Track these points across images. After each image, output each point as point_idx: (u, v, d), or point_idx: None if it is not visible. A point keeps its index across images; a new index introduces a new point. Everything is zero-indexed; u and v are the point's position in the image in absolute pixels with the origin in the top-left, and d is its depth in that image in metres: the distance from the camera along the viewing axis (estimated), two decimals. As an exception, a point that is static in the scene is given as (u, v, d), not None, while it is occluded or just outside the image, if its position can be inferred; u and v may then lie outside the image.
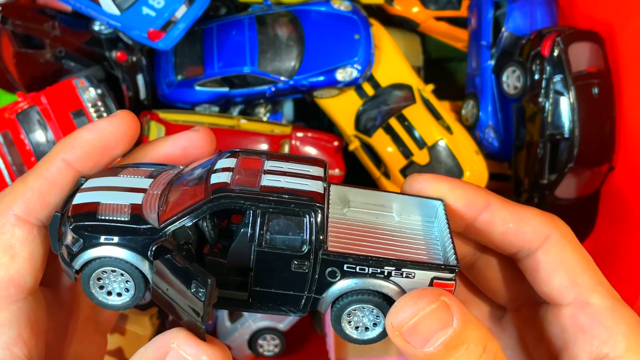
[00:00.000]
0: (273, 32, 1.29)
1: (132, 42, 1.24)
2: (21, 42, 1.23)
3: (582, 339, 0.47)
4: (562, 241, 0.49)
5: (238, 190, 0.43)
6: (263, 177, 0.45)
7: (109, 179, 0.49)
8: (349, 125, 1.33)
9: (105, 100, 1.19)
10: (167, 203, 0.46)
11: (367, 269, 0.44)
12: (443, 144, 1.29)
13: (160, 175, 0.50)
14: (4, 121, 1.16)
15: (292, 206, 0.43)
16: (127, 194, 0.47)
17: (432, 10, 1.42)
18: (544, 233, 0.49)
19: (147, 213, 0.46)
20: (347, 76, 1.26)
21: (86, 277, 0.45)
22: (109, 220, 0.45)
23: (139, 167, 0.51)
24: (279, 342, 1.35)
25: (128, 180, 0.49)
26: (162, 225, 0.44)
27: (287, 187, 0.44)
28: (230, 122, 1.29)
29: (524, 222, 0.49)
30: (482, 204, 0.49)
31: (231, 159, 0.47)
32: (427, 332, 0.41)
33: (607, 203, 1.25)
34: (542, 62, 1.19)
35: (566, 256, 0.49)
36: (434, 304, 0.41)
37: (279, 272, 0.45)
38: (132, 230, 0.44)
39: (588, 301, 0.48)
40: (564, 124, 1.17)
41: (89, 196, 0.47)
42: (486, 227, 0.50)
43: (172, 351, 0.41)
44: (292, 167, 0.47)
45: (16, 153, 1.17)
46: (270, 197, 0.43)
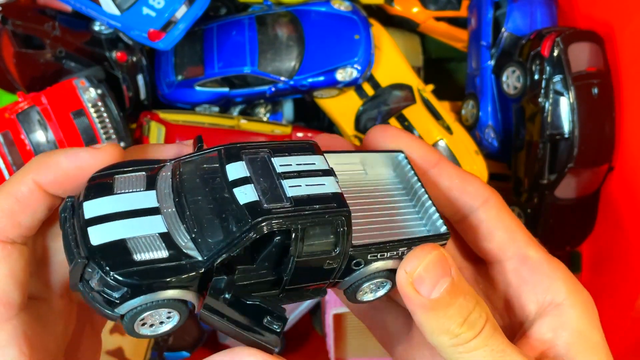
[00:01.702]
0: (273, 32, 1.29)
1: (132, 43, 1.24)
2: (21, 42, 1.23)
3: (527, 289, 0.52)
4: (498, 203, 0.54)
5: (275, 212, 0.43)
6: (283, 184, 0.45)
7: (108, 200, 0.45)
8: (349, 125, 1.33)
9: (106, 100, 1.19)
10: (198, 228, 0.43)
11: (387, 253, 0.48)
12: (443, 144, 1.29)
13: (157, 182, 0.47)
14: (4, 121, 1.16)
15: (327, 217, 0.44)
16: (144, 220, 0.44)
17: (432, 11, 1.42)
18: (484, 194, 0.54)
19: (180, 242, 0.43)
20: (347, 76, 1.26)
21: (130, 322, 0.42)
22: (148, 261, 0.41)
23: (126, 174, 0.47)
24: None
25: (131, 199, 0.45)
26: (207, 258, 0.42)
27: (311, 193, 0.45)
28: (230, 122, 1.29)
29: (468, 182, 0.54)
30: (434, 159, 0.55)
31: (239, 162, 0.46)
32: (433, 278, 0.46)
33: (607, 203, 1.25)
34: (541, 62, 1.19)
35: (504, 216, 0.54)
36: (434, 251, 0.47)
37: (312, 272, 0.47)
38: (178, 268, 0.41)
39: (527, 254, 0.52)
40: (563, 124, 1.18)
41: (107, 231, 0.43)
42: (434, 179, 0.55)
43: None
44: (298, 161, 0.47)
45: (16, 153, 1.17)
46: (304, 211, 0.44)
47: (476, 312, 0.47)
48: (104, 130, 1.19)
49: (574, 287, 0.51)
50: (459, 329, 0.46)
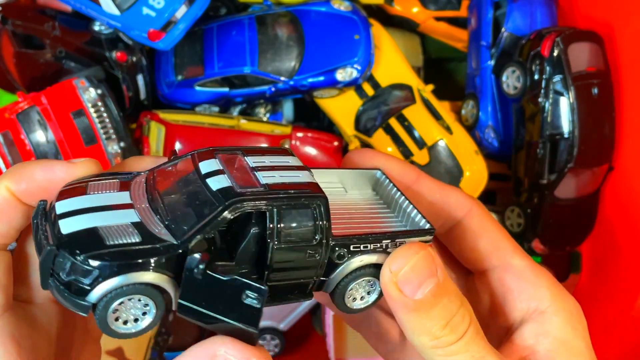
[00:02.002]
0: (273, 32, 1.29)
1: (132, 43, 1.24)
2: (21, 42, 1.23)
3: (511, 298, 0.52)
4: (481, 213, 0.54)
5: (249, 192, 0.43)
6: (257, 174, 0.45)
7: (80, 199, 0.44)
8: (349, 125, 1.33)
9: (106, 100, 1.19)
10: (171, 216, 0.43)
11: (369, 245, 0.47)
12: (443, 144, 1.29)
13: (130, 185, 0.47)
14: (4, 121, 1.16)
15: (302, 200, 0.44)
16: (117, 213, 0.43)
17: (432, 11, 1.42)
18: (466, 205, 0.54)
19: (153, 230, 0.42)
20: (347, 76, 1.26)
21: (103, 311, 0.40)
22: (121, 244, 0.40)
23: (99, 181, 0.47)
24: (279, 342, 1.35)
25: (103, 198, 0.45)
26: (182, 240, 0.42)
27: (286, 181, 0.45)
28: (230, 122, 1.29)
29: (448, 195, 0.55)
30: (413, 175, 0.55)
31: (211, 160, 0.46)
32: (418, 279, 0.45)
33: (607, 203, 1.25)
34: (541, 62, 1.19)
35: (487, 225, 0.54)
36: (422, 251, 0.46)
37: (294, 264, 0.46)
38: (152, 250, 0.41)
39: (511, 263, 0.53)
40: (563, 124, 1.18)
41: (77, 222, 0.42)
42: (416, 197, 0.55)
43: (219, 357, 0.41)
44: (272, 159, 0.48)
45: (16, 153, 1.17)
46: (279, 194, 0.44)
47: (459, 314, 0.46)
48: (104, 130, 1.19)
49: (558, 295, 0.51)
50: (440, 332, 0.46)
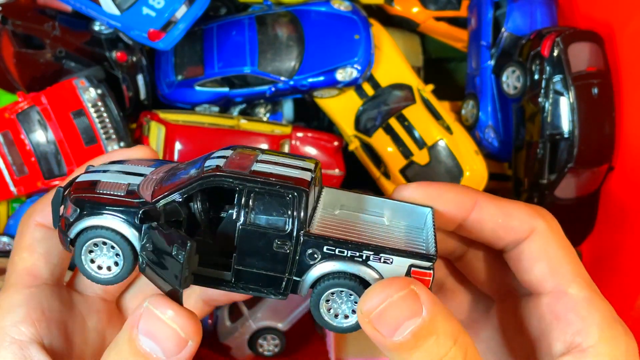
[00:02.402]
0: (273, 32, 1.29)
1: (132, 42, 1.24)
2: (21, 42, 1.23)
3: (557, 327, 0.49)
4: (546, 233, 0.51)
5: (229, 172, 0.45)
6: (255, 164, 0.47)
7: (114, 165, 0.52)
8: (349, 125, 1.33)
9: (106, 100, 1.19)
10: (163, 183, 0.48)
11: (346, 251, 0.45)
12: (443, 144, 1.29)
13: (162, 166, 0.53)
14: (4, 121, 1.16)
15: (278, 187, 0.44)
16: (127, 176, 0.51)
17: (432, 11, 1.42)
18: (530, 225, 0.51)
19: (142, 191, 0.48)
20: (347, 76, 1.26)
21: (79, 247, 0.48)
22: (106, 194, 0.48)
23: (145, 160, 0.55)
24: (279, 342, 1.35)
25: (131, 167, 0.52)
26: (154, 200, 0.47)
27: (275, 173, 0.46)
28: (230, 122, 1.29)
29: (512, 217, 0.51)
30: (470, 203, 0.51)
31: (228, 150, 0.50)
32: (396, 320, 0.41)
33: (607, 203, 1.25)
34: (541, 62, 1.19)
35: (549, 247, 0.50)
36: (402, 292, 0.42)
37: (261, 251, 0.46)
38: (126, 202, 0.47)
39: (566, 291, 0.49)
40: (563, 124, 1.18)
41: (91, 176, 0.51)
42: (477, 225, 0.51)
43: (144, 310, 0.43)
44: (284, 160, 0.49)
45: (16, 153, 1.17)
46: (257, 178, 0.45)
47: (450, 356, 0.42)
48: (104, 130, 1.19)
49: (608, 336, 0.47)
50: None
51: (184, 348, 0.43)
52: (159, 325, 0.42)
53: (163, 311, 0.43)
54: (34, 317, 0.51)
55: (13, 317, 0.51)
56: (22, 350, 0.50)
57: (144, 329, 0.43)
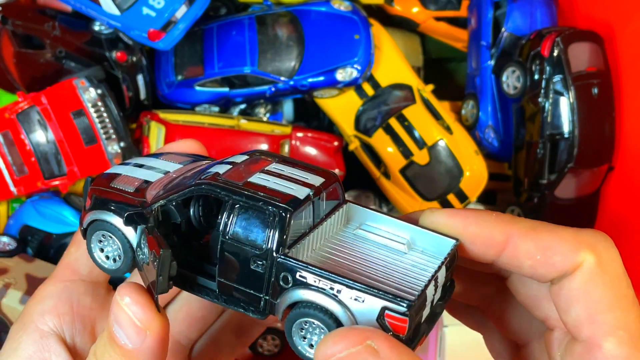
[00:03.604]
0: (273, 32, 1.29)
1: (132, 42, 1.24)
2: (21, 42, 1.23)
3: None
4: (594, 269, 0.43)
5: (222, 181, 0.45)
6: (255, 175, 0.46)
7: (148, 159, 0.54)
8: (349, 125, 1.33)
9: (106, 100, 1.19)
10: (172, 184, 0.49)
11: (318, 281, 0.42)
12: (443, 144, 1.29)
13: (192, 164, 0.53)
14: (4, 121, 1.16)
15: (261, 203, 0.43)
16: (148, 172, 0.52)
17: (432, 11, 1.42)
18: (574, 261, 0.43)
19: (150, 190, 0.49)
20: (347, 76, 1.26)
21: (89, 236, 0.50)
22: (116, 189, 0.50)
23: (183, 155, 0.55)
24: (279, 342, 1.35)
25: (161, 163, 0.53)
26: (152, 201, 0.47)
27: (269, 186, 0.45)
28: (230, 122, 1.29)
29: (552, 251, 0.43)
30: (502, 238, 0.44)
31: (244, 156, 0.49)
32: None
33: (607, 203, 1.25)
34: (541, 62, 1.19)
35: (593, 287, 0.42)
36: (355, 347, 0.37)
37: (240, 267, 0.45)
38: (128, 200, 0.48)
39: (601, 344, 0.42)
40: (563, 124, 1.18)
41: (119, 169, 0.53)
42: (513, 262, 0.44)
43: (113, 302, 0.44)
44: (294, 172, 0.47)
45: (16, 153, 1.17)
46: (245, 191, 0.44)
47: None
48: (104, 130, 1.19)
49: None
50: None
51: (144, 338, 0.43)
52: (120, 312, 0.44)
53: (122, 297, 0.43)
54: (60, 310, 0.53)
55: (42, 307, 0.53)
56: (42, 340, 0.52)
57: (113, 315, 0.44)
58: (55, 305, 0.53)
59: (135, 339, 0.43)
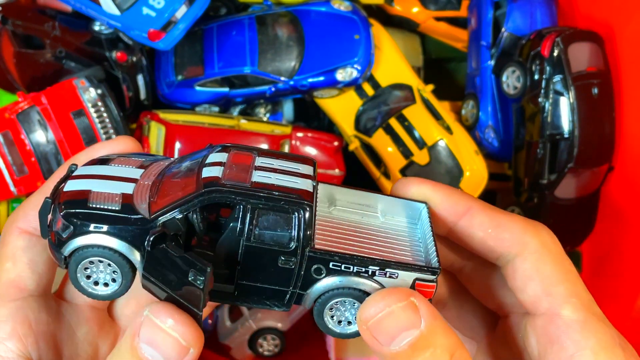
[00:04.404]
0: (273, 33, 1.29)
1: (132, 42, 1.24)
2: (21, 42, 1.23)
3: (551, 350, 0.47)
4: (541, 250, 0.48)
5: (229, 185, 0.44)
6: (254, 173, 0.46)
7: (100, 167, 0.49)
8: (349, 125, 1.33)
9: (106, 100, 1.19)
10: (158, 194, 0.46)
11: (352, 267, 0.45)
12: (443, 144, 1.29)
13: (151, 166, 0.50)
14: (4, 121, 1.16)
15: (282, 203, 0.44)
16: (118, 183, 0.48)
17: (432, 11, 1.42)
18: (523, 241, 0.49)
19: (137, 203, 0.46)
20: (347, 76, 1.26)
21: (74, 264, 0.46)
22: (99, 208, 0.45)
23: (130, 157, 0.52)
24: (279, 342, 1.35)
25: (119, 170, 0.49)
26: (153, 216, 0.45)
27: (277, 184, 0.45)
28: (230, 122, 1.29)
29: (503, 229, 0.49)
30: (463, 208, 0.50)
31: (222, 153, 0.48)
32: (393, 330, 0.42)
33: (607, 203, 1.25)
34: (541, 62, 1.19)
35: (543, 265, 0.48)
36: (401, 303, 0.42)
37: (265, 267, 0.45)
38: (123, 219, 0.45)
39: (559, 313, 0.47)
40: (563, 124, 1.18)
41: (80, 184, 0.47)
42: (466, 231, 0.50)
43: (145, 319, 0.43)
44: (282, 164, 0.48)
45: (16, 153, 1.17)
46: (260, 193, 0.44)
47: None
48: (104, 130, 1.19)
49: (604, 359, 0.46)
50: None
51: (186, 355, 0.43)
52: (159, 334, 0.42)
53: (163, 320, 0.43)
54: (20, 333, 0.49)
55: (0, 333, 0.49)
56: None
57: (145, 337, 0.43)
58: (14, 329, 0.49)
59: (176, 358, 0.43)
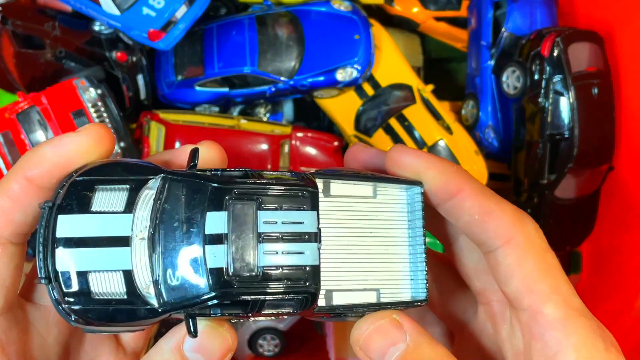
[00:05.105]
0: (273, 32, 1.29)
1: (132, 42, 1.24)
2: (21, 42, 1.23)
3: (535, 347, 0.48)
4: (524, 245, 0.48)
5: (238, 287, 0.44)
6: (259, 248, 0.44)
7: (83, 219, 0.44)
8: (349, 125, 1.33)
9: (106, 100, 1.19)
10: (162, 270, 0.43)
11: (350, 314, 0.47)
12: (443, 144, 1.29)
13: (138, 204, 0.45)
14: (5, 121, 1.16)
15: (289, 297, 0.45)
16: (112, 252, 0.44)
17: (432, 11, 1.42)
18: (507, 233, 0.48)
19: (141, 284, 0.43)
20: (347, 76, 1.26)
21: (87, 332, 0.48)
22: (105, 301, 0.43)
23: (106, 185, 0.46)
24: (279, 342, 1.35)
25: (106, 223, 0.44)
26: (163, 310, 0.43)
27: (285, 264, 0.45)
28: (230, 122, 1.29)
29: (490, 217, 0.48)
30: (454, 189, 0.49)
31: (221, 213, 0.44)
32: (382, 346, 0.45)
33: (607, 203, 1.25)
34: (541, 62, 1.19)
35: (526, 261, 0.48)
36: (384, 319, 0.45)
37: None
38: (132, 312, 0.43)
39: (541, 310, 0.47)
40: (563, 124, 1.18)
41: (73, 259, 0.43)
42: (454, 211, 0.49)
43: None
44: (286, 217, 0.46)
45: (16, 153, 1.17)
46: (269, 289, 0.44)
47: None
48: (104, 130, 1.19)
49: (586, 356, 0.46)
50: None
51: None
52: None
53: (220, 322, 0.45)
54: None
55: None
56: None
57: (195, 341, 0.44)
58: None
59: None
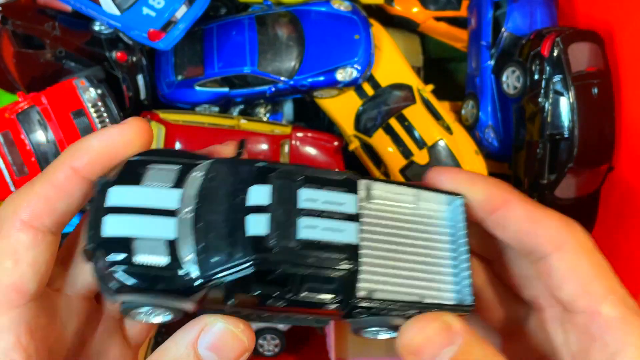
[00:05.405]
0: (273, 32, 1.29)
1: (132, 42, 1.24)
2: (21, 42, 1.23)
3: (594, 347, 0.48)
4: (577, 249, 0.49)
5: (276, 253, 0.43)
6: (298, 222, 0.44)
7: (133, 190, 0.46)
8: (348, 125, 1.34)
9: (106, 100, 1.19)
10: (205, 241, 0.44)
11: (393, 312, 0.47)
12: (443, 144, 1.29)
13: (187, 181, 0.47)
14: (4, 121, 1.16)
15: (329, 271, 0.44)
16: (158, 221, 0.45)
17: (432, 11, 1.42)
18: (558, 239, 0.49)
19: (183, 252, 0.44)
20: (347, 76, 1.26)
21: (126, 310, 0.46)
22: (147, 266, 0.43)
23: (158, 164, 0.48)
24: (279, 342, 1.35)
25: (155, 195, 0.46)
26: (203, 279, 0.44)
27: (323, 240, 0.44)
28: (230, 122, 1.29)
29: (539, 225, 0.49)
30: (500, 200, 0.50)
31: (265, 187, 0.45)
32: (434, 348, 0.44)
33: (607, 203, 1.25)
34: (541, 62, 1.19)
35: (579, 264, 0.48)
36: (435, 322, 0.45)
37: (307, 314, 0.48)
38: (172, 279, 0.43)
39: (599, 311, 0.48)
40: (563, 124, 1.18)
41: (119, 225, 0.44)
42: (500, 222, 0.50)
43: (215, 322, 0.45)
44: (326, 197, 0.46)
45: (16, 153, 1.17)
46: (307, 258, 0.44)
47: None
48: (104, 130, 1.19)
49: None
50: None
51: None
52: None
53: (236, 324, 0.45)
54: (23, 342, 0.46)
55: (2, 345, 0.45)
56: None
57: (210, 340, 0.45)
58: (17, 339, 0.45)
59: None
